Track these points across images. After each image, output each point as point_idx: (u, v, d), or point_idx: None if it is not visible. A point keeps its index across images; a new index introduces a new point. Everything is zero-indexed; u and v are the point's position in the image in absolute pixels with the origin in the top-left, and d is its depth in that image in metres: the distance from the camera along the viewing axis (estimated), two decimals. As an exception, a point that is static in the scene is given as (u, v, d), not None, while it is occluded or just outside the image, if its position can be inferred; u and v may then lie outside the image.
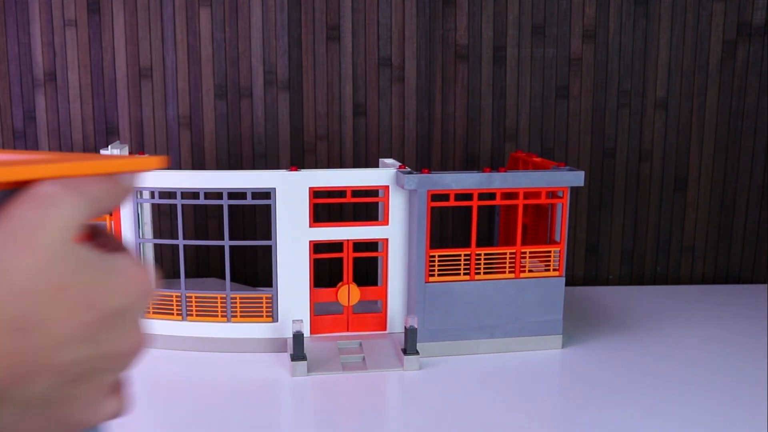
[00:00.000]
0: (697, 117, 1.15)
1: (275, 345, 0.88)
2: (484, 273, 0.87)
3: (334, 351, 0.86)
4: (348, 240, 0.87)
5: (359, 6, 1.09)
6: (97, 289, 0.32)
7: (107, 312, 0.32)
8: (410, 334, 0.83)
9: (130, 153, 0.92)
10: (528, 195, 0.86)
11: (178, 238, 0.87)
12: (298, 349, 0.82)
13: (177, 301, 0.87)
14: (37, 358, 0.30)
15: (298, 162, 1.13)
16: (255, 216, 1.14)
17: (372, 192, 0.89)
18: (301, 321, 0.82)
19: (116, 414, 0.36)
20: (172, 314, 0.88)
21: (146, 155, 0.38)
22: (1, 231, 0.29)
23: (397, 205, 0.87)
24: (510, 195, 0.86)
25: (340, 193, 0.87)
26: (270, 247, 0.86)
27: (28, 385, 0.31)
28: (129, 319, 0.34)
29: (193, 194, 0.86)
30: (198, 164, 1.14)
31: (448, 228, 1.16)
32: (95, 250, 0.33)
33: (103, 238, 0.36)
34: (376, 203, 0.91)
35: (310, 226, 0.86)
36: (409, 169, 0.86)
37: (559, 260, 0.88)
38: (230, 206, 0.85)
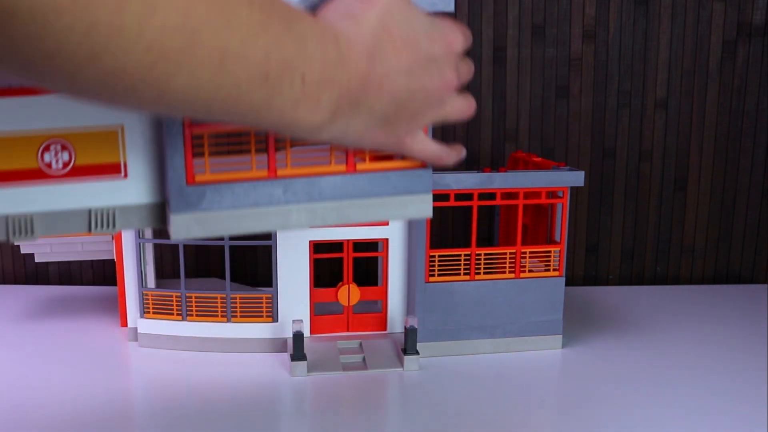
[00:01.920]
0: (697, 117, 1.15)
1: (275, 345, 0.88)
2: (484, 273, 0.87)
3: (334, 351, 0.86)
4: (348, 240, 0.87)
5: (359, 6, 1.09)
6: (418, 36, 0.46)
7: (423, 55, 0.46)
8: (410, 334, 0.83)
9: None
10: (528, 195, 0.86)
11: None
12: (298, 349, 0.82)
13: (177, 301, 0.87)
14: (377, 79, 0.44)
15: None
16: (255, 216, 1.14)
17: (372, 192, 0.88)
18: (301, 321, 0.82)
19: (432, 154, 0.52)
20: (172, 314, 0.88)
21: None
22: None
23: (397, 205, 0.87)
24: (510, 195, 0.86)
25: (340, 193, 0.87)
26: (270, 247, 0.87)
27: (373, 99, 0.45)
28: (440, 65, 0.47)
29: (193, 194, 0.86)
30: (198, 164, 1.14)
31: (448, 228, 1.16)
32: (422, 11, 0.47)
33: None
34: (376, 203, 0.91)
35: (310, 226, 0.86)
36: (409, 169, 0.86)
37: (559, 260, 0.88)
38: (230, 206, 0.85)
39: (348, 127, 0.46)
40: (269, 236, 0.86)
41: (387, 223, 0.87)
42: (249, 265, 1.16)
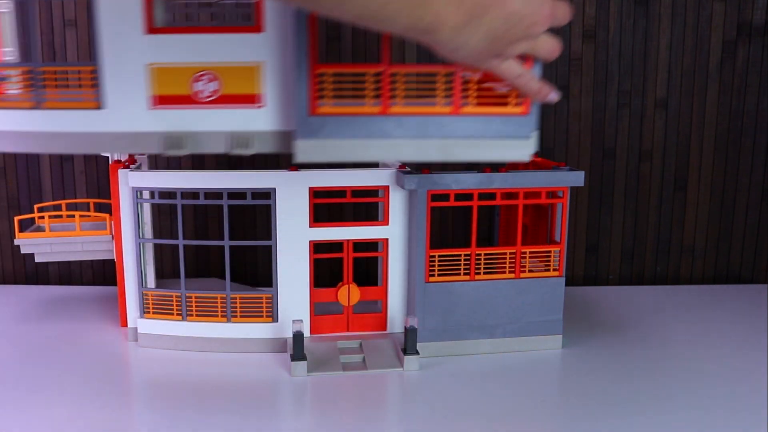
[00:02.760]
0: (697, 117, 1.15)
1: (275, 345, 0.88)
2: (484, 273, 0.87)
3: (334, 351, 0.86)
4: (348, 240, 0.87)
5: (359, 6, 1.09)
6: None
7: None
8: (410, 334, 0.83)
9: (130, 155, 0.92)
10: (528, 195, 0.86)
11: (178, 238, 0.87)
12: (298, 349, 0.82)
13: (177, 301, 0.87)
14: None
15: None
16: (255, 216, 1.14)
17: (372, 192, 0.89)
18: (301, 321, 0.82)
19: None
20: (172, 314, 0.88)
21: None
22: None
23: (397, 205, 0.87)
24: (510, 195, 0.86)
25: (340, 193, 0.87)
26: (270, 247, 0.87)
27: (493, 14, 0.54)
28: None
29: (193, 194, 0.86)
30: (198, 164, 1.14)
31: (448, 228, 1.16)
32: None
33: None
34: (376, 203, 0.91)
35: (310, 226, 0.86)
36: (409, 169, 0.86)
37: (559, 260, 0.88)
38: (230, 206, 0.85)
39: (470, 38, 0.55)
40: (269, 236, 0.86)
41: (387, 223, 0.87)
42: (249, 265, 1.16)
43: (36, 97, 0.67)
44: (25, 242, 0.93)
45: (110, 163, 0.92)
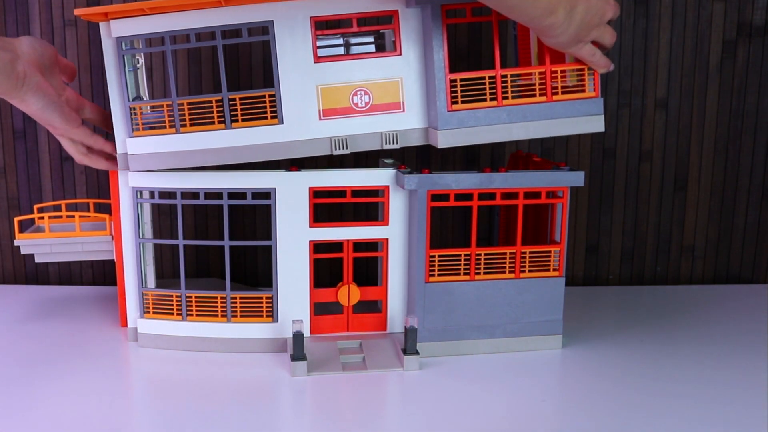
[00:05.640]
0: (697, 117, 1.15)
1: (275, 345, 0.88)
2: (484, 273, 0.87)
3: (334, 351, 0.86)
4: (348, 240, 0.87)
5: (359, 6, 1.09)
6: None
7: None
8: (410, 334, 0.83)
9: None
10: (528, 195, 0.86)
11: (178, 238, 0.87)
12: (298, 349, 0.82)
13: (177, 301, 0.88)
14: None
15: (298, 162, 1.13)
16: (255, 216, 1.14)
17: (372, 192, 0.89)
18: (301, 321, 0.82)
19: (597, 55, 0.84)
20: (172, 314, 0.88)
21: None
22: None
23: (397, 205, 0.87)
24: (510, 195, 0.86)
25: (340, 193, 0.87)
26: (270, 247, 0.87)
27: (580, 9, 0.77)
28: None
29: (193, 194, 0.86)
30: (198, 164, 1.14)
31: (448, 228, 1.16)
32: None
33: None
34: (376, 203, 0.91)
35: (310, 226, 0.86)
36: (409, 169, 0.86)
37: (559, 260, 0.88)
38: (230, 206, 0.85)
39: (568, 27, 0.77)
40: (269, 236, 0.86)
41: (387, 223, 0.87)
42: (249, 265, 1.16)
43: (225, 120, 0.83)
44: (25, 243, 0.93)
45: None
